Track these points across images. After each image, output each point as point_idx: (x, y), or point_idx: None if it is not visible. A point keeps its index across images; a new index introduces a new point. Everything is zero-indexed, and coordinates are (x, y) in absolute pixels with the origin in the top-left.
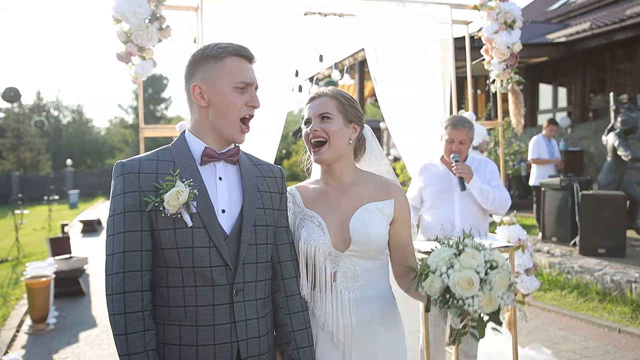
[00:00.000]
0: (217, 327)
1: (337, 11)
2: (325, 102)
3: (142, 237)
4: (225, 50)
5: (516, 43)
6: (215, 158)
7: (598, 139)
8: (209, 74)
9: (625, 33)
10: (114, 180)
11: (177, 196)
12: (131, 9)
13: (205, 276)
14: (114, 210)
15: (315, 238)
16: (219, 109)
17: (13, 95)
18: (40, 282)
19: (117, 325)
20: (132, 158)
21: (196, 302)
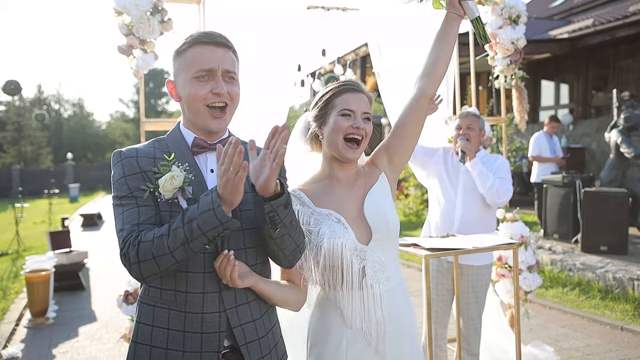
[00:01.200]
0: (206, 315)
1: (340, 5)
2: (366, 100)
3: (155, 212)
4: (188, 43)
5: (520, 38)
6: (205, 148)
7: (600, 136)
8: (176, 69)
9: (629, 30)
10: (113, 168)
11: (172, 181)
12: (133, 1)
13: (197, 263)
14: (119, 194)
15: (339, 234)
16: (186, 101)
17: (14, 89)
18: (40, 276)
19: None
20: (129, 147)
21: (186, 288)
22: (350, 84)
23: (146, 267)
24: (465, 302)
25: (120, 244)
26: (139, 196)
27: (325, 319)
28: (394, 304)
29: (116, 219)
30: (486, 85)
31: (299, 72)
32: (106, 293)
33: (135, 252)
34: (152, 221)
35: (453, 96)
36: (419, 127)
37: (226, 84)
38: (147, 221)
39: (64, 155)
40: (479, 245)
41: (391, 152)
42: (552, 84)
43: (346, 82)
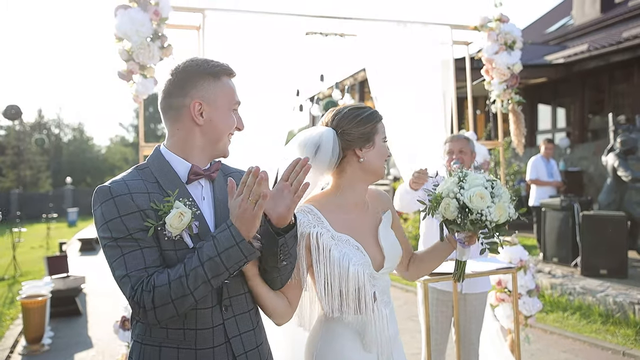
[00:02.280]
0: (216, 348)
1: (338, 31)
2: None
3: (159, 252)
4: (221, 68)
5: (516, 64)
6: (201, 175)
7: (598, 159)
8: (208, 91)
9: (623, 55)
10: (101, 206)
11: (180, 218)
12: (134, 28)
13: (206, 298)
14: (115, 235)
15: (357, 261)
16: (216, 128)
17: (14, 113)
18: (36, 302)
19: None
20: (114, 181)
21: (195, 325)
22: (379, 114)
23: (164, 311)
24: (466, 329)
25: (129, 291)
26: (141, 238)
27: (335, 344)
28: (395, 324)
29: (114, 262)
30: (484, 110)
31: (297, 96)
32: (103, 318)
33: (150, 299)
34: (158, 263)
35: (451, 120)
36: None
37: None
38: (153, 264)
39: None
40: (478, 270)
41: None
42: (549, 107)
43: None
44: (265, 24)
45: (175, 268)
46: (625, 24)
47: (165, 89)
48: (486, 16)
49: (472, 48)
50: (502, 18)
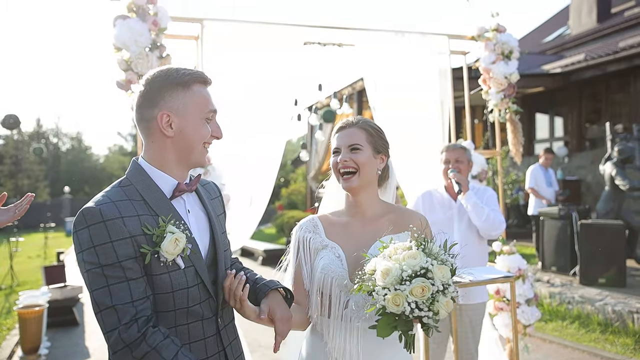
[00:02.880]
0: (210, 358)
1: (336, 41)
2: (355, 132)
3: (145, 283)
4: (191, 76)
5: (513, 73)
6: (185, 191)
7: (595, 168)
8: (177, 102)
9: (619, 64)
10: (87, 228)
11: (175, 244)
12: (132, 38)
13: (196, 313)
14: (102, 261)
15: (333, 269)
16: (188, 139)
17: (13, 123)
18: (33, 312)
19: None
20: (100, 202)
21: (189, 339)
22: (340, 124)
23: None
24: (464, 340)
25: (112, 321)
26: (129, 267)
27: (313, 350)
28: (376, 343)
29: (96, 290)
30: (481, 119)
31: (295, 106)
32: (99, 329)
33: (138, 348)
34: (144, 295)
35: (448, 130)
36: None
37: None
38: (139, 296)
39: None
40: (476, 279)
41: None
42: (546, 117)
43: (339, 124)
44: (263, 34)
45: (167, 346)
46: (622, 34)
47: (136, 101)
48: (483, 26)
49: (469, 58)
50: (499, 28)
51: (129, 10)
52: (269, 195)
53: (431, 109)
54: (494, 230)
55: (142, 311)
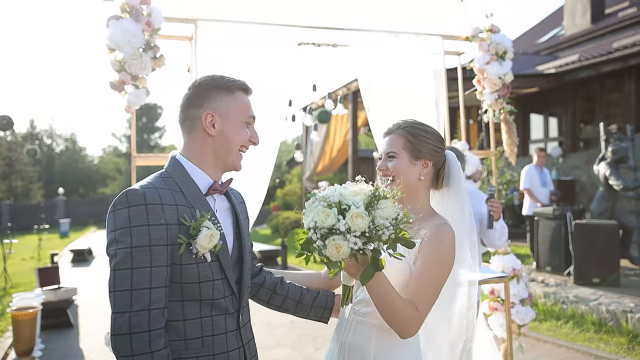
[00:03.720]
0: (230, 353)
1: (330, 42)
2: (393, 139)
3: (167, 272)
4: (235, 83)
5: (508, 74)
6: (218, 191)
7: (590, 168)
8: (221, 104)
9: (613, 65)
10: (128, 208)
11: (210, 239)
12: (125, 38)
13: (220, 306)
14: (134, 242)
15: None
16: (228, 140)
17: (6, 124)
18: (27, 314)
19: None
20: (145, 186)
21: (212, 331)
22: (387, 129)
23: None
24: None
25: (124, 304)
26: (157, 253)
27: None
28: (365, 341)
29: (120, 270)
30: (476, 119)
31: (290, 107)
32: (95, 330)
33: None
34: (162, 284)
35: (443, 130)
36: None
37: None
38: (157, 285)
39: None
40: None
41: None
42: (541, 117)
43: (388, 128)
44: (257, 34)
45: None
46: (616, 35)
47: (182, 103)
48: (477, 27)
49: (463, 58)
50: (493, 29)
51: (122, 11)
52: (264, 196)
53: (426, 110)
54: (502, 244)
55: (155, 301)
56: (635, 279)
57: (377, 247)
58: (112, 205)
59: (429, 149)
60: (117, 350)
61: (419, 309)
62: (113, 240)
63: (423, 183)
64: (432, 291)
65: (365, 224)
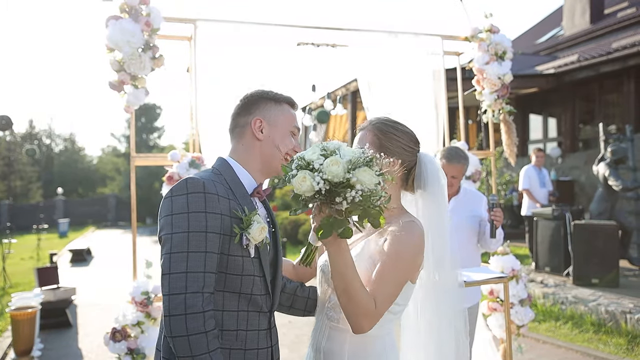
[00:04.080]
0: (260, 351)
1: (329, 42)
2: (363, 136)
3: (217, 260)
4: (283, 97)
5: (507, 74)
6: (260, 194)
7: (589, 169)
8: (270, 113)
9: (612, 65)
10: (187, 195)
11: (261, 232)
12: (124, 38)
13: (256, 303)
14: (192, 227)
15: (323, 262)
16: (274, 145)
17: (5, 124)
18: (26, 314)
19: (197, 345)
20: (202, 177)
21: (246, 327)
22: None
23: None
24: None
25: (179, 285)
26: (211, 240)
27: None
28: (338, 345)
29: (176, 254)
30: (475, 119)
31: None
32: (93, 330)
33: (194, 322)
34: (214, 270)
35: (442, 130)
36: None
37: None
38: (210, 270)
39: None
40: (470, 280)
41: None
42: (540, 117)
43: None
44: (256, 34)
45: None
46: (615, 35)
47: (233, 112)
48: (477, 27)
49: (463, 58)
50: (493, 29)
51: (121, 11)
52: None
53: (425, 110)
54: (496, 248)
55: (207, 286)
56: (634, 279)
57: (341, 205)
58: (170, 191)
59: (397, 146)
60: (172, 331)
61: (378, 304)
62: (168, 224)
63: (390, 184)
64: (392, 287)
65: (338, 172)
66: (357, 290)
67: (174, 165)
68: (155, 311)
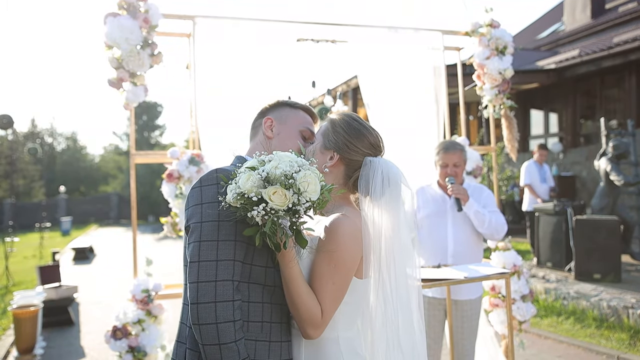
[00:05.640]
0: (283, 344)
1: (329, 37)
2: (321, 125)
3: (245, 249)
4: (301, 105)
5: (508, 69)
6: None
7: (590, 164)
8: (282, 114)
9: (614, 60)
10: (217, 185)
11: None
12: (123, 36)
13: (279, 295)
14: (222, 216)
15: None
16: (284, 142)
17: (6, 123)
18: (28, 312)
19: (225, 333)
20: (225, 170)
21: (271, 318)
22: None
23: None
24: (460, 336)
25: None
26: (240, 229)
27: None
28: (295, 349)
29: (206, 242)
30: (476, 115)
31: None
32: (96, 328)
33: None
34: (241, 259)
35: (443, 126)
36: None
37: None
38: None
39: (57, 188)
40: (471, 276)
41: None
42: (541, 113)
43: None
44: (256, 30)
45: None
46: (616, 30)
47: (253, 120)
48: (477, 22)
49: (463, 54)
50: (493, 23)
51: (119, 8)
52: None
53: (426, 106)
54: (497, 234)
55: (236, 274)
56: (636, 274)
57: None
58: (199, 181)
59: (340, 141)
60: (200, 319)
61: (324, 312)
62: (198, 213)
63: (330, 176)
64: (334, 292)
65: (247, 187)
66: (303, 301)
67: (173, 162)
68: (156, 309)
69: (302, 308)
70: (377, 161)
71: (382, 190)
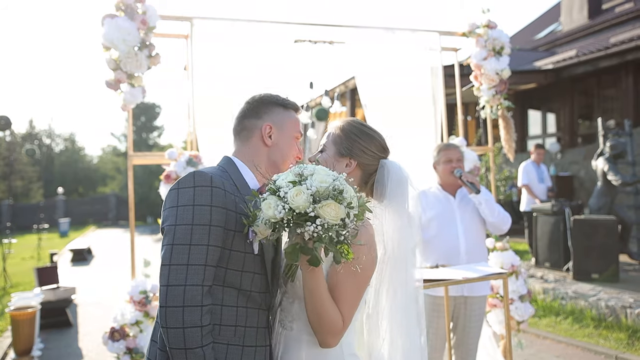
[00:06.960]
0: (258, 348)
1: (327, 39)
2: (328, 134)
3: (220, 253)
4: (289, 102)
5: (505, 69)
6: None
7: (588, 164)
8: (278, 118)
9: (611, 60)
10: (194, 188)
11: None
12: (120, 37)
13: (255, 300)
14: (196, 220)
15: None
16: (282, 152)
17: (4, 124)
18: (26, 314)
19: (191, 338)
20: (210, 171)
21: (245, 323)
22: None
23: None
24: (467, 332)
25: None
26: (215, 233)
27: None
28: (295, 352)
29: (178, 245)
30: (474, 116)
31: None
32: (94, 329)
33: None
34: (214, 264)
35: (441, 127)
36: None
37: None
38: (211, 263)
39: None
40: (469, 276)
41: None
42: (538, 113)
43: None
44: (253, 32)
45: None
46: (613, 30)
47: (240, 113)
48: (474, 22)
49: (460, 54)
50: (490, 24)
51: (117, 9)
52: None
53: (423, 106)
54: (504, 225)
55: (207, 279)
56: (634, 274)
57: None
58: (177, 183)
59: (355, 147)
60: (168, 322)
61: (345, 320)
62: (172, 215)
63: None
64: (354, 300)
65: (300, 203)
66: (326, 309)
67: (171, 163)
68: (154, 310)
69: (326, 317)
70: (390, 163)
71: (396, 191)
